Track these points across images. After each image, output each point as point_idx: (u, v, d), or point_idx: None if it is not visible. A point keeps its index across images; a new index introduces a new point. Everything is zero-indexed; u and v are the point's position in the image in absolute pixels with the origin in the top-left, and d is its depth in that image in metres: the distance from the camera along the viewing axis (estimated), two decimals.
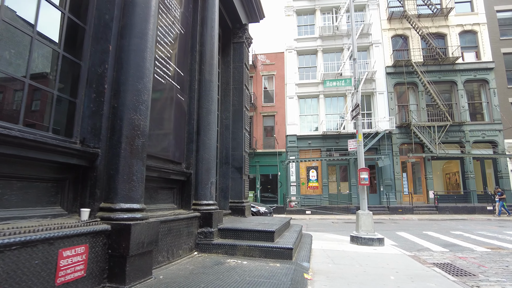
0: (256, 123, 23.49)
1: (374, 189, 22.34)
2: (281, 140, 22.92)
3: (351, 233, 8.10)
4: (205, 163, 5.09)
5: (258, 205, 12.18)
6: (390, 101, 22.68)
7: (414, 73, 22.21)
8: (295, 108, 23.38)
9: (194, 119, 5.15)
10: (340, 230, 11.94)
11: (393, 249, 7.05)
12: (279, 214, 20.14)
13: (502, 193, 18.34)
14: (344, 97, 23.53)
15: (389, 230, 11.64)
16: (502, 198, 18.16)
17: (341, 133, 22.31)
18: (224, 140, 7.26)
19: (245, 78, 7.71)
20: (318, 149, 22.83)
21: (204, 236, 4.75)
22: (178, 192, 4.90)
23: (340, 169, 22.73)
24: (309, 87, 23.65)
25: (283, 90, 23.73)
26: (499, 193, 18.27)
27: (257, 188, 22.59)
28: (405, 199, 21.29)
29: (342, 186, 22.40)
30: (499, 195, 18.23)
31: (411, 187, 22.07)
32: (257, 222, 6.23)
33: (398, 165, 21.81)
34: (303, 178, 22.78)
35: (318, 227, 13.18)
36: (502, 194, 18.23)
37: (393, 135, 22.14)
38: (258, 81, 24.08)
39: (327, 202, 21.63)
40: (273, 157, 22.71)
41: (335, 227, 13.19)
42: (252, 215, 11.23)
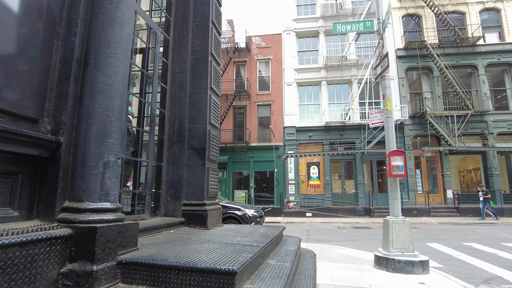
0: (249, 113, 20.81)
1: (384, 187, 19.65)
2: (278, 133, 20.25)
3: (376, 251, 5.42)
4: (96, 123, 2.43)
5: (245, 207, 9.50)
6: (402, 88, 20.01)
7: (428, 57, 19.55)
8: (294, 96, 20.70)
9: (76, 33, 2.49)
10: (352, 239, 9.26)
11: (449, 282, 4.36)
12: (275, 217, 17.46)
13: (487, 192, 15.71)
14: (349, 84, 20.85)
15: (415, 240, 8.97)
16: (487, 198, 15.52)
17: (346, 124, 19.63)
18: (176, 106, 4.57)
19: (214, 13, 5.02)
20: (320, 142, 20.16)
21: (75, 283, 2.07)
22: (27, 182, 2.24)
23: (345, 165, 20.05)
24: (310, 72, 20.97)
25: (280, 76, 21.06)
26: (483, 192, 15.65)
27: (250, 187, 19.91)
28: (419, 199, 18.61)
29: (347, 185, 19.72)
30: (483, 195, 15.60)
31: (426, 186, 19.40)
32: (222, 240, 3.57)
33: (411, 160, 19.13)
34: (303, 175, 20.10)
35: (321, 234, 10.51)
36: (487, 194, 15.60)
37: (405, 127, 19.47)
38: (253, 66, 21.40)
39: (331, 202, 18.95)
40: (269, 151, 20.04)
41: (342, 234, 10.52)
42: (235, 222, 8.58)
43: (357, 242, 8.65)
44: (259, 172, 20.39)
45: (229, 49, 21.07)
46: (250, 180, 20.01)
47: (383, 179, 19.83)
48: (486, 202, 15.58)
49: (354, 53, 20.77)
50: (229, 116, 20.72)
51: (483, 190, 15.80)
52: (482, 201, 15.72)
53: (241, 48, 21.14)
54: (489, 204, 15.52)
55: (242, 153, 19.99)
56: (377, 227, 12.51)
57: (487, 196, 15.58)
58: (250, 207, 9.78)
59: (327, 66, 20.65)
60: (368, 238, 9.39)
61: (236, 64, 21.84)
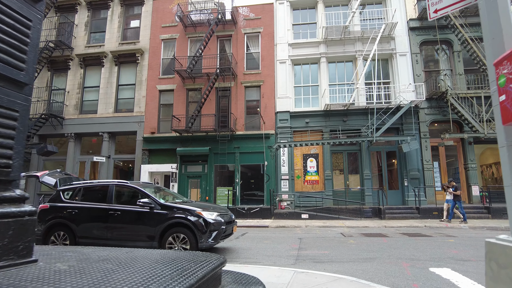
0: (235, 96, 17.57)
1: (395, 183, 16.47)
2: (269, 119, 17.03)
3: None
4: None
5: (205, 209, 6.32)
6: (416, 65, 16.79)
7: (448, 27, 16.31)
8: (288, 76, 17.47)
9: None
10: (366, 257, 6.05)
11: None
12: (263, 219, 14.27)
13: (457, 188, 12.67)
14: (353, 61, 17.62)
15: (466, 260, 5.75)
16: (457, 195, 12.47)
17: (349, 108, 16.42)
18: None
19: None
20: (319, 130, 16.95)
21: None
22: None
23: (349, 157, 16.84)
24: (307, 48, 17.74)
25: (272, 52, 17.82)
26: (453, 188, 12.62)
27: (236, 184, 16.69)
28: (437, 197, 15.40)
29: (351, 180, 16.52)
30: (453, 191, 12.57)
31: (445, 181, 16.17)
32: None
33: (428, 150, 15.94)
34: (298, 169, 16.90)
35: (319, 246, 7.31)
36: (457, 190, 12.56)
37: (421, 110, 16.27)
38: (239, 42, 18.14)
39: (331, 202, 15.77)
40: (258, 141, 16.82)
41: (350, 247, 7.31)
42: (186, 233, 5.46)
43: (377, 263, 5.47)
44: (246, 166, 17.18)
45: (211, 21, 17.82)
46: (236, 175, 16.79)
47: (393, 175, 16.64)
48: (456, 201, 12.55)
49: (359, 24, 17.54)
50: (211, 99, 17.49)
51: (453, 186, 12.72)
52: (451, 200, 12.75)
53: (226, 20, 17.91)
54: (459, 203, 12.49)
55: (226, 143, 16.78)
56: (394, 235, 9.31)
57: (456, 193, 12.49)
58: (214, 209, 6.57)
59: (327, 40, 17.43)
60: (390, 255, 6.21)
61: (220, 39, 18.59)
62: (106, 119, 18.56)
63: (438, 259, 5.74)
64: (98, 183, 6.90)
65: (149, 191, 6.60)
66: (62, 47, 19.60)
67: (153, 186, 7.40)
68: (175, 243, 6.01)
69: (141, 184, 7.02)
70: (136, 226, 6.22)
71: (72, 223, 6.41)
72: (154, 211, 6.18)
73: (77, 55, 19.57)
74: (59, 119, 18.74)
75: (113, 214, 6.30)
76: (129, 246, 6.20)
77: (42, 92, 19.45)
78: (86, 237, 6.33)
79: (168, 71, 18.64)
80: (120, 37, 19.75)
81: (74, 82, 19.52)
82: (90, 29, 20.30)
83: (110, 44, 19.67)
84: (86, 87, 19.56)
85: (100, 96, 19.03)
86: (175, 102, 18.00)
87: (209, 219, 6.08)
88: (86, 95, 19.51)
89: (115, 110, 18.81)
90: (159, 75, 18.66)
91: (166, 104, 18.43)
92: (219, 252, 6.83)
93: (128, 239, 6.19)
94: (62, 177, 7.44)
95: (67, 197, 6.76)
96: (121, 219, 6.28)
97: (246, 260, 6.03)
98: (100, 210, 6.41)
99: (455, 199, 12.60)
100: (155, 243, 6.04)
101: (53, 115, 18.40)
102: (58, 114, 18.72)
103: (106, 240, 6.25)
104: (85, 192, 6.81)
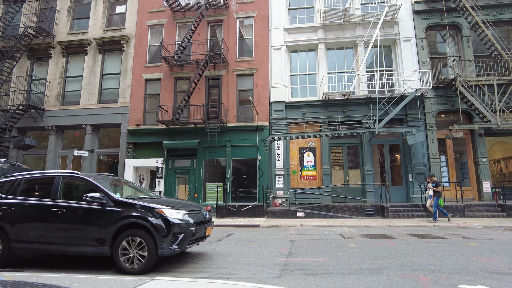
0: (226, 85, 16.30)
1: (398, 179, 15.23)
2: (262, 110, 15.78)
3: None
4: None
5: (172, 206, 5.11)
6: (421, 51, 15.51)
7: (456, 10, 15.06)
8: (284, 63, 16.19)
9: None
10: (372, 268, 4.82)
11: None
12: (255, 218, 13.05)
13: (438, 183, 11.42)
14: (353, 48, 16.34)
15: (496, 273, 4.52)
16: (437, 192, 11.27)
17: (349, 97, 15.16)
18: None
19: None
20: (317, 122, 15.69)
21: None
22: None
23: (349, 150, 15.60)
24: (304, 33, 16.45)
25: (266, 38, 16.54)
26: (433, 184, 11.40)
27: (227, 179, 15.45)
28: (445, 194, 14.14)
29: (352, 176, 15.28)
30: (433, 187, 11.35)
31: (453, 176, 14.97)
32: None
33: (435, 143, 14.69)
34: (294, 164, 15.67)
35: (313, 251, 6.07)
36: (437, 186, 11.32)
37: (427, 100, 15.01)
38: (231, 27, 16.85)
39: (330, 199, 14.54)
40: (251, 133, 15.57)
41: (351, 252, 6.07)
42: (144, 236, 4.22)
43: (386, 277, 4.24)
44: (238, 161, 15.94)
45: (200, 4, 16.53)
46: (227, 171, 15.55)
47: (397, 170, 15.40)
48: (435, 197, 11.37)
49: (360, 7, 16.24)
50: (200, 88, 16.23)
51: (434, 181, 11.48)
52: (430, 196, 11.63)
53: (217, 4, 16.62)
54: (437, 200, 11.28)
55: (216, 136, 15.53)
56: (401, 236, 8.08)
57: (437, 189, 11.28)
58: (182, 206, 5.32)
59: (326, 25, 16.14)
60: (402, 264, 4.98)
61: (210, 24, 17.30)
62: (89, 110, 17.30)
63: (466, 271, 4.51)
64: (42, 175, 5.65)
65: (103, 184, 5.37)
66: (43, 34, 18.31)
67: (112, 178, 6.17)
68: (130, 249, 4.78)
69: (95, 175, 5.78)
70: (83, 226, 5.00)
71: (6, 223, 5.17)
72: (106, 209, 4.96)
73: (59, 42, 18.28)
74: (39, 110, 17.48)
75: (57, 212, 5.08)
76: (73, 252, 4.97)
77: (21, 82, 18.19)
78: (22, 241, 5.11)
79: (155, 59, 17.36)
80: (105, 24, 18.46)
81: (55, 71, 18.24)
82: (73, 15, 19.01)
83: (94, 31, 18.38)
84: (68, 76, 18.30)
85: (83, 86, 17.77)
86: (162, 92, 16.74)
87: (174, 219, 4.84)
88: (69, 85, 18.25)
89: (99, 101, 17.55)
90: (146, 63, 17.39)
91: (152, 94, 17.17)
92: (189, 259, 5.61)
93: (72, 243, 4.96)
94: (5, 168, 6.20)
95: (4, 192, 5.51)
96: (65, 219, 5.06)
97: (219, 271, 4.81)
98: (41, 207, 5.18)
99: (435, 195, 11.38)
100: (106, 249, 4.82)
101: (33, 106, 17.14)
102: (38, 106, 17.46)
103: (47, 244, 5.04)
104: (27, 186, 5.57)
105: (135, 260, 4.75)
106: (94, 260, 5.61)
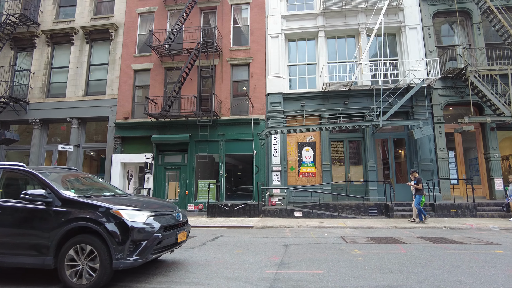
0: (220, 76, 15.28)
1: (402, 176, 14.24)
2: (258, 102, 14.77)
3: None
4: None
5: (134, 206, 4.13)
6: (428, 40, 14.49)
7: None
8: (281, 52, 15.17)
9: None
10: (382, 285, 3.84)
11: None
12: (250, 217, 12.08)
13: (419, 180, 10.38)
14: (355, 36, 15.32)
15: None
16: (418, 189, 10.29)
17: (351, 89, 14.16)
18: None
19: None
20: (317, 114, 14.69)
21: None
22: None
23: (351, 145, 14.60)
24: (303, 21, 15.41)
25: (262, 26, 15.50)
26: (415, 181, 10.38)
27: (220, 176, 14.47)
28: (454, 191, 13.13)
29: (353, 172, 14.29)
30: (415, 184, 10.32)
31: (462, 173, 13.98)
32: None
33: (443, 137, 13.70)
34: (292, 160, 14.68)
35: (310, 263, 5.07)
36: (419, 182, 10.30)
37: (434, 91, 14.01)
38: (225, 14, 15.81)
39: (330, 197, 13.56)
40: (246, 127, 14.58)
41: (355, 260, 5.09)
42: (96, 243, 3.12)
43: None
44: (232, 156, 14.96)
45: None
46: (220, 167, 14.56)
47: (402, 166, 14.42)
48: (416, 195, 10.34)
49: None
50: (192, 79, 15.22)
51: (415, 178, 10.45)
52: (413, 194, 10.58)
53: None
54: (419, 199, 10.23)
55: (209, 130, 14.54)
56: (411, 240, 7.09)
57: (418, 186, 10.26)
58: (148, 206, 4.33)
59: (326, 12, 15.10)
60: (421, 279, 4.00)
61: (203, 11, 16.27)
62: (75, 103, 16.31)
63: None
64: None
65: (53, 179, 4.39)
66: (28, 23, 17.30)
67: (73, 173, 5.19)
68: (78, 260, 3.80)
69: (46, 168, 4.81)
70: (23, 231, 4.02)
71: None
72: (52, 209, 3.98)
73: (43, 31, 17.26)
74: (23, 103, 16.49)
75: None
76: (10, 263, 3.99)
77: (4, 73, 17.19)
78: None
79: (144, 49, 16.34)
80: (93, 12, 17.43)
81: (40, 62, 17.24)
82: (59, 3, 17.98)
83: (81, 19, 17.35)
84: (53, 67, 17.29)
85: (69, 78, 16.76)
86: (152, 83, 15.73)
87: (134, 222, 3.86)
88: (54, 77, 17.24)
89: (86, 93, 16.55)
90: (135, 53, 16.38)
91: (141, 85, 16.17)
92: (160, 270, 4.64)
93: (9, 252, 3.97)
94: None
95: None
96: (0, 222, 4.06)
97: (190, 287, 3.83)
98: None
99: (416, 193, 10.35)
100: (49, 259, 3.84)
101: (16, 98, 16.16)
102: (21, 98, 16.48)
103: None
104: None
105: (84, 274, 3.77)
106: (43, 273, 4.62)
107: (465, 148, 14.28)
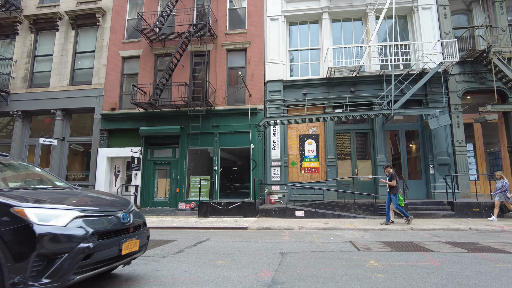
0: (214, 62, 13.97)
1: (417, 172, 12.86)
2: (256, 90, 13.45)
3: None
4: None
5: (50, 203, 2.75)
6: (444, 21, 13.07)
7: None
8: (282, 36, 13.82)
9: None
10: None
11: None
12: (245, 217, 10.78)
13: (393, 176, 8.96)
14: (363, 18, 13.93)
15: None
16: (392, 187, 8.87)
17: (359, 75, 12.79)
18: None
19: None
20: (320, 104, 13.33)
21: None
22: None
23: (358, 138, 13.24)
24: (305, 2, 14.05)
25: (261, 7, 14.17)
26: (388, 178, 8.96)
27: (214, 172, 13.18)
28: (473, 189, 11.75)
29: (361, 168, 12.93)
30: (389, 180, 8.90)
31: (482, 168, 12.57)
32: None
33: (461, 128, 12.30)
34: (293, 154, 13.35)
35: (311, 281, 3.78)
36: (392, 179, 8.89)
37: (451, 78, 12.61)
38: None
39: (335, 195, 12.22)
40: (243, 118, 13.27)
41: (373, 281, 3.77)
42: None
43: None
44: (228, 150, 13.67)
45: None
46: (214, 162, 13.27)
47: (415, 160, 13.03)
48: (390, 194, 8.93)
49: None
50: (184, 66, 13.93)
51: (390, 173, 9.04)
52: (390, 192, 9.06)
53: None
54: (394, 198, 8.80)
55: (202, 121, 13.24)
56: (438, 246, 5.75)
57: (391, 183, 8.84)
58: (82, 202, 3.04)
59: None
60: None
61: None
62: (60, 93, 15.10)
63: None
64: None
65: None
66: (9, 8, 16.12)
67: None
68: None
69: None
70: None
71: None
72: None
73: (26, 17, 16.06)
74: (4, 94, 15.33)
75: None
76: None
77: None
78: None
79: (134, 35, 15.08)
80: None
81: (23, 49, 16.04)
82: None
83: (67, 3, 16.12)
84: (37, 55, 16.09)
85: (54, 66, 15.55)
86: (141, 71, 14.46)
87: (46, 226, 2.57)
88: (37, 66, 16.05)
89: (71, 82, 15.33)
90: (123, 39, 15.12)
91: (130, 74, 14.91)
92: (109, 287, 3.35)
93: None
94: None
95: None
96: None
97: None
98: None
99: (390, 191, 8.97)
100: None
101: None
102: (2, 88, 15.31)
103: None
104: None
105: None
106: None
107: (485, 141, 12.86)
